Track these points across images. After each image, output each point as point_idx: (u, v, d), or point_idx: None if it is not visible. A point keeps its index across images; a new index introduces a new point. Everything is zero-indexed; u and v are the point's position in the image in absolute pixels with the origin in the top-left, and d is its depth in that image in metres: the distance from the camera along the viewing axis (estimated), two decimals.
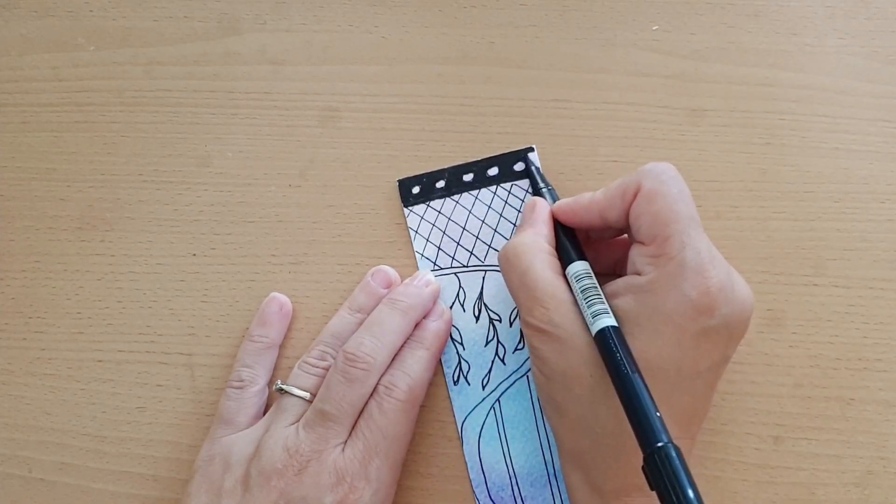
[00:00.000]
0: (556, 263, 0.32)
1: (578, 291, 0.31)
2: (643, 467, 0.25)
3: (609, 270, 0.35)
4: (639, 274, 0.30)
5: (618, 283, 0.31)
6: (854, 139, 0.39)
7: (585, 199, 0.33)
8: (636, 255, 0.31)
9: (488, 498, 0.35)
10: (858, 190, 0.38)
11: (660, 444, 0.25)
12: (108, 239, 0.40)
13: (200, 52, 0.42)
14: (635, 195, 0.31)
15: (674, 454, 0.25)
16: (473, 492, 0.36)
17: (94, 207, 0.40)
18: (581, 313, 0.30)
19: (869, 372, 0.36)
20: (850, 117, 0.39)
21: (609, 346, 0.28)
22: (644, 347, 0.29)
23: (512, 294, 0.33)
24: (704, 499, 0.35)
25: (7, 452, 0.38)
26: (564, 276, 0.32)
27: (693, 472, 0.34)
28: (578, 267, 0.32)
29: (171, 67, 0.42)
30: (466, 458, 0.36)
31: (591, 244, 0.35)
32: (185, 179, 0.40)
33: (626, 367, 0.27)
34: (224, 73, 0.41)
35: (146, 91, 0.42)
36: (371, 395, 0.34)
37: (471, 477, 0.36)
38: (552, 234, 0.34)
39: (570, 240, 0.34)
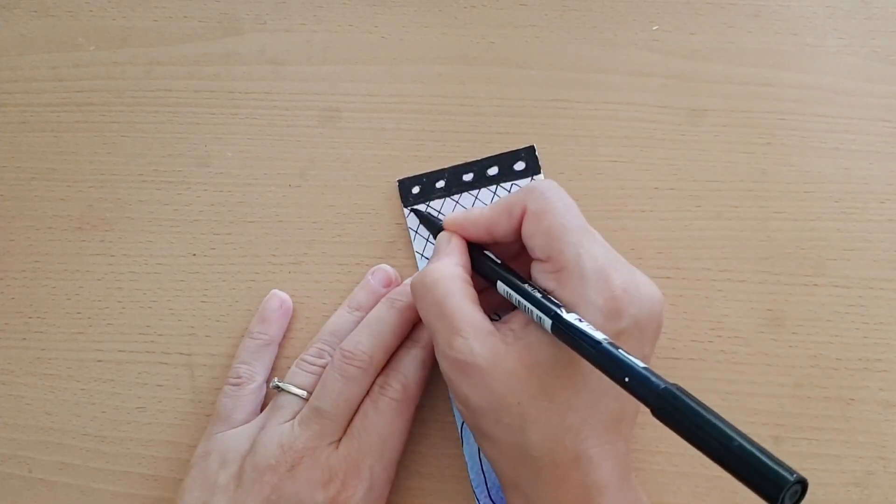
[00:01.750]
0: (472, 293, 0.31)
1: (518, 297, 0.30)
2: (655, 416, 0.24)
3: None
4: (545, 291, 0.30)
5: None
6: (854, 139, 0.39)
7: (475, 214, 0.33)
8: (538, 273, 0.31)
9: (488, 498, 0.36)
10: (858, 190, 0.38)
11: (662, 387, 0.24)
12: (108, 239, 0.40)
13: (200, 52, 0.42)
14: (522, 215, 0.31)
15: (679, 392, 0.24)
16: (473, 492, 0.36)
17: (94, 207, 0.40)
18: (501, 340, 0.30)
19: (869, 372, 0.36)
20: (850, 117, 0.39)
21: (572, 331, 0.28)
22: (564, 364, 0.29)
23: (427, 324, 0.31)
24: (704, 499, 0.35)
25: (7, 452, 0.38)
26: (479, 306, 0.31)
27: (692, 471, 0.34)
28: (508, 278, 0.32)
29: (171, 67, 0.42)
30: (466, 458, 0.36)
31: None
32: (185, 179, 0.40)
33: (593, 342, 0.27)
34: (224, 73, 0.41)
35: (146, 91, 0.42)
36: (367, 393, 0.34)
37: (471, 477, 0.36)
38: (468, 264, 0.33)
39: (489, 257, 0.33)
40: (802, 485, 0.22)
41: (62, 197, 0.41)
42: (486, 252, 0.34)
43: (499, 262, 0.33)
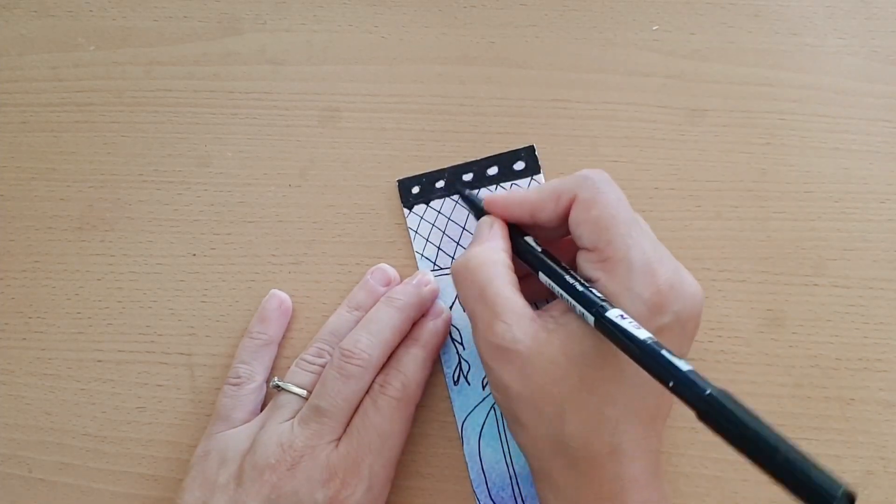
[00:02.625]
0: (514, 279, 0.31)
1: (559, 290, 0.30)
2: (700, 419, 0.24)
3: None
4: (589, 280, 0.30)
5: None
6: (854, 139, 0.39)
7: (518, 195, 0.33)
8: (584, 262, 0.31)
9: (488, 498, 0.35)
10: (858, 190, 0.38)
11: (708, 393, 0.24)
12: (108, 239, 0.40)
13: (200, 52, 0.42)
14: (570, 203, 0.31)
15: (723, 397, 0.24)
16: (474, 492, 0.36)
17: (94, 207, 0.40)
18: (542, 328, 0.30)
19: (869, 372, 0.36)
20: (850, 117, 0.39)
21: (616, 327, 0.27)
22: (605, 355, 0.29)
23: (467, 309, 0.31)
24: (704, 499, 0.35)
25: (7, 452, 0.38)
26: (521, 293, 0.31)
27: (692, 471, 0.34)
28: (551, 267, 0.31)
29: (171, 67, 0.42)
30: (466, 458, 0.36)
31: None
32: (185, 179, 0.40)
33: (638, 341, 0.27)
34: (224, 73, 0.41)
35: (146, 91, 0.42)
36: (367, 392, 0.34)
37: (471, 477, 0.36)
38: (509, 249, 0.33)
39: (530, 244, 0.33)
40: (849, 498, 0.21)
41: (62, 197, 0.41)
42: (528, 238, 0.33)
43: (540, 249, 0.33)
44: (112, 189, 0.41)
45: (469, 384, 0.37)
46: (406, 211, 0.39)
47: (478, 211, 0.36)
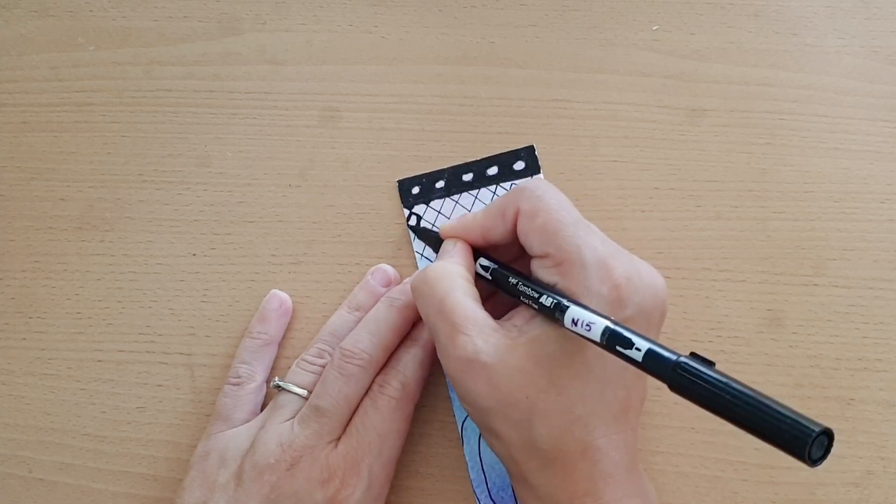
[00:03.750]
0: (474, 291, 0.31)
1: (522, 291, 0.30)
2: (672, 390, 0.25)
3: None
4: (548, 286, 0.30)
5: None
6: (854, 139, 0.39)
7: (468, 218, 0.34)
8: (539, 269, 0.31)
9: (488, 498, 0.35)
10: (858, 190, 0.38)
11: (674, 361, 0.24)
12: (108, 239, 0.40)
13: (200, 52, 0.42)
14: (515, 216, 0.31)
15: (690, 363, 0.24)
16: (474, 492, 0.36)
17: (94, 207, 0.40)
18: (505, 336, 0.30)
19: (869, 372, 0.36)
20: (850, 117, 0.39)
21: (580, 318, 0.28)
22: (571, 354, 0.29)
23: (429, 324, 0.31)
24: (704, 499, 0.35)
25: (7, 452, 0.38)
26: (481, 304, 0.31)
27: (692, 471, 0.34)
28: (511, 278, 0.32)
29: (171, 67, 0.42)
30: (466, 458, 0.36)
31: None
32: (185, 179, 0.40)
33: (603, 326, 0.27)
34: (224, 73, 0.41)
35: (146, 91, 0.42)
36: (366, 392, 0.34)
37: (471, 477, 0.36)
38: (471, 264, 0.33)
39: (497, 261, 0.33)
40: (828, 435, 0.21)
41: (62, 197, 0.41)
42: (481, 259, 0.34)
43: (497, 263, 0.33)
44: (112, 189, 0.41)
45: None
46: (406, 211, 0.39)
47: (436, 241, 0.37)
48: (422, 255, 0.38)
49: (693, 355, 0.25)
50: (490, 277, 0.33)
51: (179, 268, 0.39)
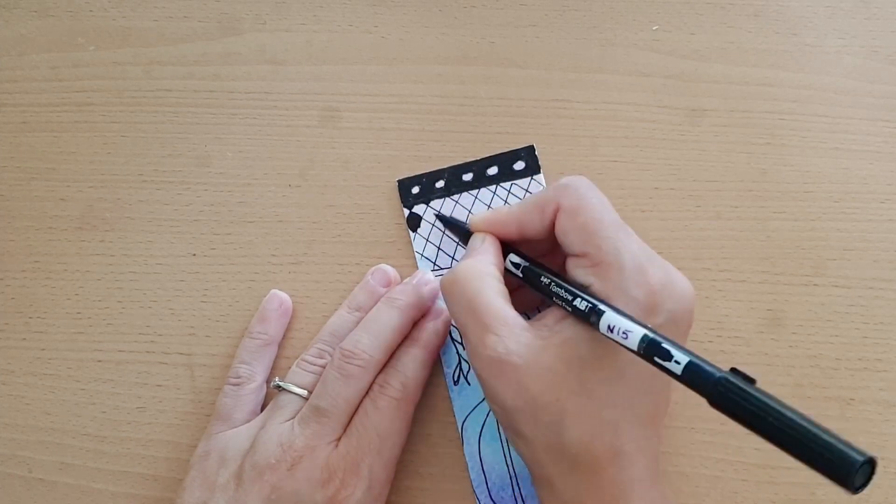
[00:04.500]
0: (504, 290, 0.31)
1: (556, 292, 0.30)
2: (712, 405, 0.24)
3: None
4: (582, 286, 0.30)
5: None
6: (854, 139, 0.39)
7: (503, 212, 0.33)
8: (575, 269, 0.31)
9: (488, 498, 0.35)
10: (858, 190, 0.38)
11: (718, 377, 0.24)
12: (108, 239, 0.40)
13: (200, 52, 0.42)
14: (555, 213, 0.31)
15: (734, 380, 0.24)
16: (474, 492, 0.36)
17: (94, 207, 0.40)
18: (537, 336, 0.29)
19: (869, 372, 0.36)
20: (850, 117, 0.39)
21: (618, 326, 0.28)
22: (602, 357, 0.29)
23: (458, 323, 0.31)
24: (704, 499, 0.35)
25: (7, 452, 0.38)
26: (511, 304, 0.31)
27: (692, 471, 0.34)
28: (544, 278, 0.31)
29: (171, 67, 0.42)
30: (466, 458, 0.36)
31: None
32: (185, 179, 0.40)
33: (642, 335, 0.27)
34: (224, 73, 0.41)
35: (146, 91, 0.42)
36: (367, 392, 0.34)
37: (471, 477, 0.36)
38: (500, 262, 0.33)
39: (528, 257, 0.33)
40: (871, 464, 0.21)
41: (62, 197, 0.41)
42: (512, 254, 0.33)
43: (528, 261, 0.33)
44: (112, 189, 0.41)
45: (469, 384, 0.37)
46: (406, 211, 0.39)
47: (463, 233, 0.36)
48: (422, 255, 0.38)
49: (734, 371, 0.24)
50: (521, 275, 0.33)
51: (179, 268, 0.39)
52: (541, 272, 0.32)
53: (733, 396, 0.24)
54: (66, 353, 0.39)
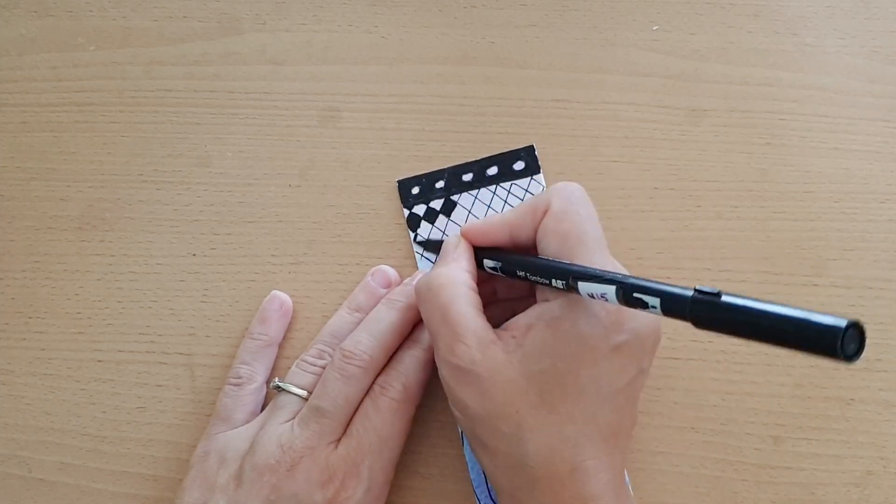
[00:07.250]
0: (477, 300, 0.31)
1: (533, 265, 0.30)
2: (697, 327, 0.24)
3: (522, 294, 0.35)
4: (548, 300, 0.30)
5: (530, 314, 0.31)
6: (854, 139, 0.39)
7: (496, 219, 0.33)
8: None
9: (488, 498, 0.36)
10: (858, 190, 0.38)
11: (691, 296, 0.24)
12: (108, 239, 0.40)
13: (200, 52, 0.42)
14: (544, 213, 0.31)
15: (706, 296, 0.24)
16: (474, 492, 0.36)
17: (94, 207, 0.40)
18: (503, 350, 0.30)
19: (869, 372, 0.36)
20: (850, 117, 0.39)
21: (591, 279, 0.28)
22: (564, 373, 0.29)
23: (430, 328, 0.31)
24: (704, 499, 0.35)
25: (7, 452, 0.38)
26: (483, 314, 0.31)
27: (692, 471, 0.34)
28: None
29: (171, 67, 0.42)
30: (467, 458, 0.36)
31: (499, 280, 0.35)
32: (185, 179, 0.40)
33: (617, 281, 0.27)
34: (224, 73, 0.41)
35: (146, 91, 0.42)
36: (367, 393, 0.34)
37: (471, 477, 0.36)
38: (474, 268, 0.33)
39: (501, 257, 0.33)
40: (858, 328, 0.21)
41: (62, 197, 0.41)
42: (486, 260, 0.33)
43: (501, 260, 0.33)
44: (112, 189, 0.41)
45: None
46: (406, 211, 0.39)
47: (437, 246, 0.36)
48: (422, 255, 0.38)
49: (697, 291, 0.24)
50: (500, 273, 0.33)
51: (179, 268, 0.39)
52: (515, 269, 0.32)
53: (709, 307, 0.23)
54: (66, 353, 0.39)
